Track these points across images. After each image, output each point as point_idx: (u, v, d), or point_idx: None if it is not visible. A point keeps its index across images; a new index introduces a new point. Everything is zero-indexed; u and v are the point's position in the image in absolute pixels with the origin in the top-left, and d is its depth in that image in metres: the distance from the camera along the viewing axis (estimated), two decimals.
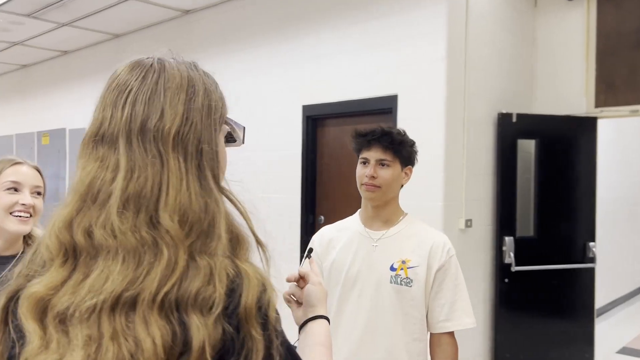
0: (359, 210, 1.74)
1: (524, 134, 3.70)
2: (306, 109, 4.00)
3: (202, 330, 0.60)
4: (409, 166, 1.66)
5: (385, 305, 1.56)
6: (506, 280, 3.62)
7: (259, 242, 0.73)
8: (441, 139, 3.27)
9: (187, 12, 4.99)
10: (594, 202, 3.85)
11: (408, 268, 1.56)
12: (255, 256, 0.71)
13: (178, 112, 0.69)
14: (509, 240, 3.61)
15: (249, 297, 0.63)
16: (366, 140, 1.61)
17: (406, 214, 1.71)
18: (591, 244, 3.78)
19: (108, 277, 0.62)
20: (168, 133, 0.68)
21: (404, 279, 1.55)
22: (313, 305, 0.98)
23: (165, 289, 0.61)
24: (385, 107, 3.54)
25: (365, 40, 3.66)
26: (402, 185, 1.67)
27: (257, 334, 0.62)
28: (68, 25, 5.45)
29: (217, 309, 0.61)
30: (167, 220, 0.65)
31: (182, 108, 0.70)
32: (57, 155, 7.03)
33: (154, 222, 0.65)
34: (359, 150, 1.65)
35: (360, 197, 3.64)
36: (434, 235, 1.63)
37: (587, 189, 3.84)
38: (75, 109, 6.63)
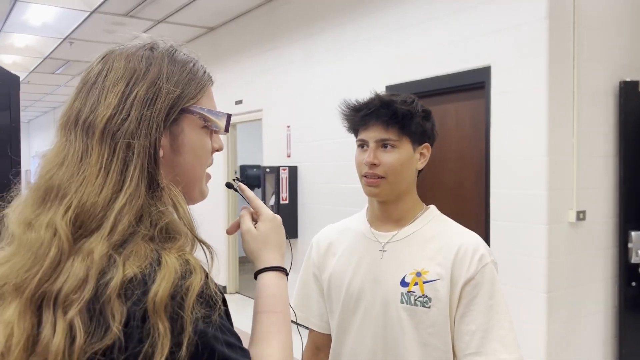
0: (367, 205, 1.33)
1: None
2: (390, 89, 3.63)
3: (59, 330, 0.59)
4: (426, 144, 1.23)
5: (396, 332, 1.16)
6: (633, 283, 2.99)
7: (199, 240, 0.71)
8: (544, 115, 2.74)
9: None
10: None
11: (425, 282, 1.14)
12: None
13: (111, 104, 0.68)
14: (636, 235, 2.96)
15: (162, 286, 0.60)
16: (360, 116, 1.20)
17: (427, 207, 1.28)
18: None
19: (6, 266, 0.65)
20: (96, 126, 0.68)
21: (420, 297, 1.13)
22: (254, 259, 0.83)
23: (40, 286, 0.62)
24: (477, 81, 3.07)
25: (451, 6, 3.21)
26: (418, 171, 1.25)
27: (162, 325, 0.59)
28: (164, 22, 5.58)
29: (79, 304, 0.60)
30: (59, 218, 0.64)
31: (117, 100, 0.69)
32: None
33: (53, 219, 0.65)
34: (355, 130, 1.24)
35: (457, 187, 3.15)
36: (462, 237, 1.19)
37: None
38: None
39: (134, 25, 5.65)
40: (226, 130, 0.77)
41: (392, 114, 1.17)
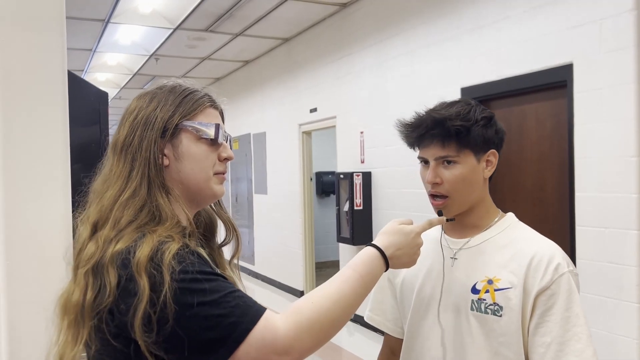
0: None
1: None
2: (465, 91, 3.55)
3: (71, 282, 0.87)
4: (492, 150, 1.16)
5: (466, 340, 1.12)
6: None
7: (225, 221, 1.05)
8: (633, 112, 2.57)
9: (344, 5, 4.88)
10: None
11: (496, 290, 1.09)
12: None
13: (125, 129, 0.93)
14: None
15: (142, 252, 0.80)
16: (415, 137, 1.19)
17: (503, 215, 1.22)
18: None
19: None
20: (118, 146, 0.93)
21: (490, 305, 1.09)
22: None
23: (75, 259, 0.89)
24: (558, 80, 2.93)
25: (527, 3, 3.09)
26: (487, 179, 1.19)
27: (142, 282, 0.78)
28: (241, 35, 5.79)
29: (88, 264, 0.84)
30: (90, 214, 0.91)
31: (128, 127, 0.93)
32: (245, 159, 7.58)
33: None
34: (412, 145, 1.23)
35: (538, 191, 3.01)
36: (537, 245, 1.12)
37: None
38: (257, 114, 7.04)
39: (214, 39, 5.91)
40: (215, 137, 0.94)
41: (446, 133, 1.13)
